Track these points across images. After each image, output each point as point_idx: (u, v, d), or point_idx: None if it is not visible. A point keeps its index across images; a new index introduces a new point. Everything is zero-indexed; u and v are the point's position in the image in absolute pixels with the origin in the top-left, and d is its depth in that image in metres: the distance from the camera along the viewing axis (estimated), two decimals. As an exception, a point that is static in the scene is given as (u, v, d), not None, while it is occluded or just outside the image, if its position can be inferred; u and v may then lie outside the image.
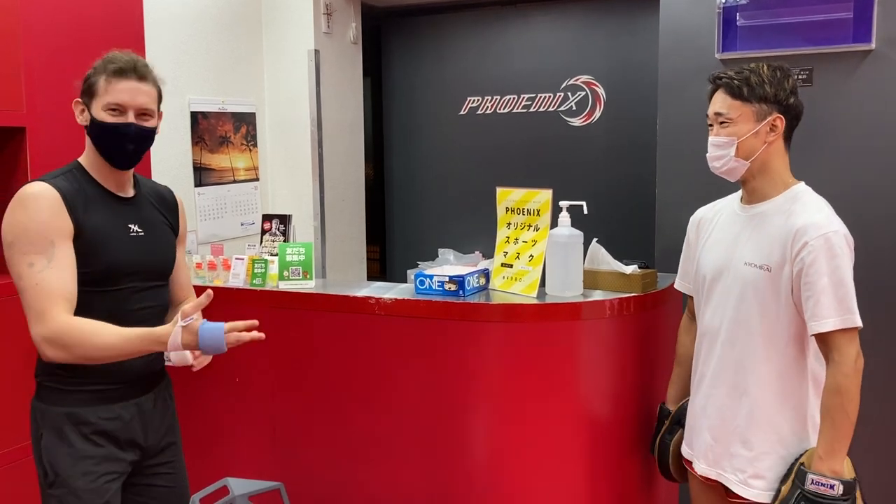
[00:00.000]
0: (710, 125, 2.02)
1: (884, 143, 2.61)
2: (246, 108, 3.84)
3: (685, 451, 2.17)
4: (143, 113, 1.88)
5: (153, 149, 3.16)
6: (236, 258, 2.57)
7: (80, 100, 1.90)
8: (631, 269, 2.28)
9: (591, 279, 2.32)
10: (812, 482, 1.79)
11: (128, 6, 2.99)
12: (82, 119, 1.89)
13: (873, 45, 2.61)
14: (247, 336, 1.76)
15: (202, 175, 3.56)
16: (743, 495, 1.96)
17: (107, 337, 1.74)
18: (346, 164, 4.19)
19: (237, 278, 2.54)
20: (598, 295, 2.26)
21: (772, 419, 1.93)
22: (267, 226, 2.85)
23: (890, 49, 2.60)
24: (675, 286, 2.30)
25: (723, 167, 1.98)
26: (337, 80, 4.05)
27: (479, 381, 2.25)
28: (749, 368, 1.95)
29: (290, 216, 2.86)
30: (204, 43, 3.54)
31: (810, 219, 1.86)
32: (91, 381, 1.84)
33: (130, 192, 1.97)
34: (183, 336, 1.74)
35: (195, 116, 3.49)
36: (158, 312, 1.98)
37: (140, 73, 1.87)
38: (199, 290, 2.52)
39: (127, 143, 1.86)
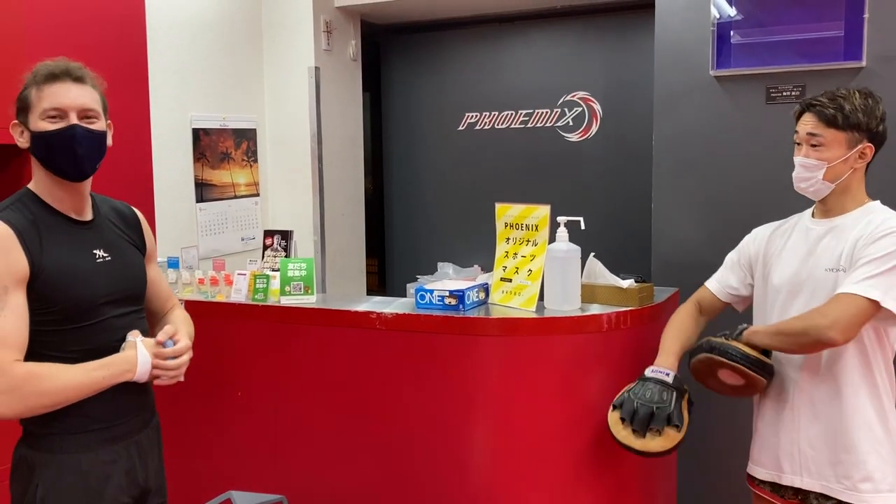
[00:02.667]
0: (798, 143, 2.02)
1: (877, 161, 2.65)
2: (247, 125, 3.88)
3: (760, 472, 2.13)
4: (86, 115, 1.69)
5: (155, 164, 3.26)
6: (238, 273, 2.59)
7: (16, 122, 1.71)
8: (628, 283, 2.31)
9: (589, 293, 2.35)
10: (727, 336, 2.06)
11: (130, 25, 3.03)
12: (23, 141, 1.71)
13: (864, 63, 2.66)
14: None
15: (203, 191, 3.59)
16: (852, 501, 1.96)
17: (67, 376, 1.62)
18: (346, 179, 4.22)
19: (239, 293, 2.57)
20: (595, 309, 2.28)
21: (865, 416, 1.95)
22: (268, 241, 2.88)
23: (880, 66, 2.65)
24: (708, 286, 2.27)
25: (809, 188, 2.01)
26: (337, 96, 4.09)
27: (478, 394, 2.27)
28: (839, 370, 1.97)
29: (291, 232, 2.89)
30: (206, 60, 3.58)
31: (884, 216, 1.94)
32: (92, 421, 1.71)
33: (89, 215, 1.79)
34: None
35: (197, 133, 3.53)
36: None
37: (75, 75, 1.69)
38: (198, 306, 2.56)
39: (75, 146, 1.66)
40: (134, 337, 1.76)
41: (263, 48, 3.97)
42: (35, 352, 1.64)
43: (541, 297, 2.30)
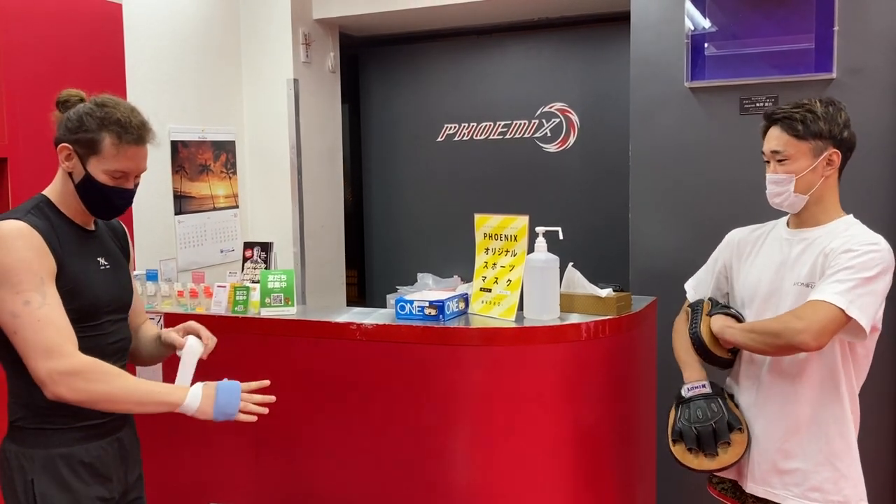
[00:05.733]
0: (767, 161, 2.02)
1: (847, 171, 2.70)
2: (226, 137, 3.88)
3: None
4: (138, 175, 1.84)
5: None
6: (218, 286, 2.59)
7: (69, 146, 1.75)
8: (606, 292, 2.33)
9: (568, 302, 2.37)
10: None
11: (108, 37, 3.02)
12: (68, 166, 1.76)
13: (834, 75, 2.72)
14: (254, 407, 1.80)
15: (182, 203, 3.58)
16: None
17: (130, 381, 1.69)
18: (325, 191, 4.23)
19: (219, 306, 2.56)
20: (574, 318, 2.30)
21: (824, 428, 1.96)
22: (248, 253, 2.87)
23: (850, 78, 2.70)
24: (686, 287, 2.30)
25: (783, 202, 2.00)
26: (316, 108, 4.10)
27: (459, 404, 2.28)
28: (803, 381, 1.97)
29: (271, 244, 2.89)
30: (184, 72, 3.58)
31: (860, 235, 1.93)
32: (83, 417, 1.74)
33: (92, 226, 1.89)
34: (203, 392, 1.73)
35: (175, 145, 3.52)
36: (127, 346, 1.94)
37: (148, 139, 1.80)
38: (182, 318, 2.54)
39: (121, 205, 1.82)
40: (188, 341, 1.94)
41: (242, 60, 3.97)
42: None
43: (520, 307, 2.31)
